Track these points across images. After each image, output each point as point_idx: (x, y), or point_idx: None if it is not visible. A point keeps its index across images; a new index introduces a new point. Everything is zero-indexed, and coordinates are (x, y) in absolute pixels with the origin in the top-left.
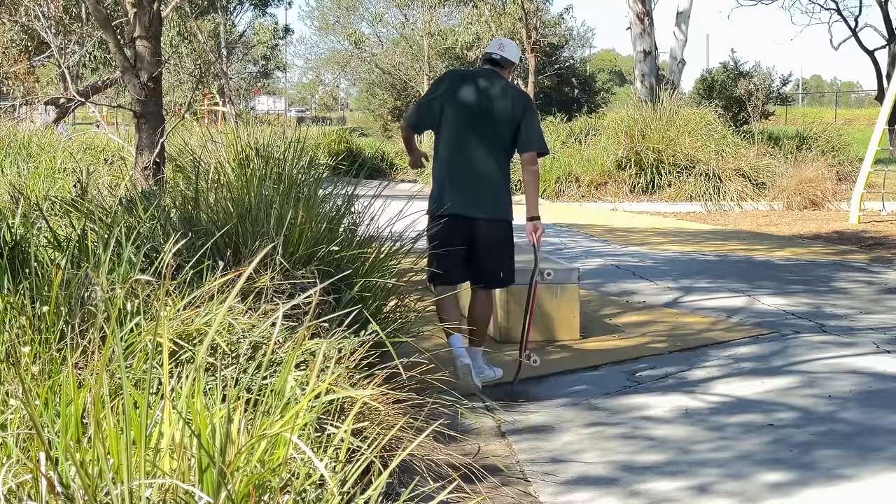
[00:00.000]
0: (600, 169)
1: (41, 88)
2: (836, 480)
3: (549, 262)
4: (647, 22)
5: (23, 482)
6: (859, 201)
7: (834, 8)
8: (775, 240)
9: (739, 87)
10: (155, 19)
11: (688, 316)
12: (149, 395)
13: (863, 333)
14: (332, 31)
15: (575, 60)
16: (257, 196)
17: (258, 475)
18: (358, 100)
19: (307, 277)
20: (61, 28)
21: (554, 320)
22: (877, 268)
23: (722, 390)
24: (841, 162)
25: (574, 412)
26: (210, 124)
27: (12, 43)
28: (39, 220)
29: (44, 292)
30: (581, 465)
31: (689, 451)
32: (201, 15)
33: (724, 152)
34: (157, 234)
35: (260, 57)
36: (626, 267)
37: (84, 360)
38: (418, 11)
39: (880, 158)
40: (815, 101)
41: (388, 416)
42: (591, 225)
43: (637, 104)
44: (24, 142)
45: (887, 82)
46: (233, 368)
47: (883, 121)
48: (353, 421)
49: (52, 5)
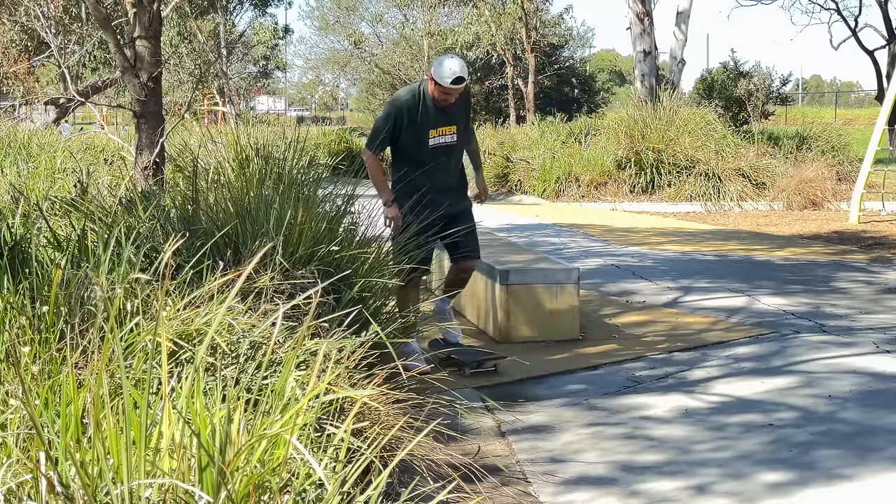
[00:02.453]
0: (600, 169)
1: (41, 88)
2: (836, 480)
3: (549, 262)
4: (647, 22)
5: (23, 482)
6: (859, 201)
7: (834, 8)
8: (775, 240)
9: (739, 87)
10: (155, 19)
11: (688, 316)
12: (149, 395)
13: (862, 333)
14: (332, 31)
15: (575, 60)
16: (257, 196)
17: (258, 475)
18: (358, 100)
19: (307, 277)
20: (61, 28)
21: (554, 320)
22: (877, 268)
23: (722, 390)
24: (841, 162)
25: (574, 412)
26: (210, 124)
27: (12, 43)
28: (39, 220)
29: (44, 292)
30: (581, 465)
31: (689, 450)
32: (201, 15)
33: (723, 152)
34: (156, 234)
35: (260, 57)
36: (626, 267)
37: (84, 360)
38: (418, 11)
39: (880, 158)
40: (814, 101)
41: (388, 416)
42: (590, 225)
43: (637, 104)
44: (24, 142)
45: (887, 82)
46: (233, 368)
47: (883, 121)
48: (353, 421)
49: (52, 5)
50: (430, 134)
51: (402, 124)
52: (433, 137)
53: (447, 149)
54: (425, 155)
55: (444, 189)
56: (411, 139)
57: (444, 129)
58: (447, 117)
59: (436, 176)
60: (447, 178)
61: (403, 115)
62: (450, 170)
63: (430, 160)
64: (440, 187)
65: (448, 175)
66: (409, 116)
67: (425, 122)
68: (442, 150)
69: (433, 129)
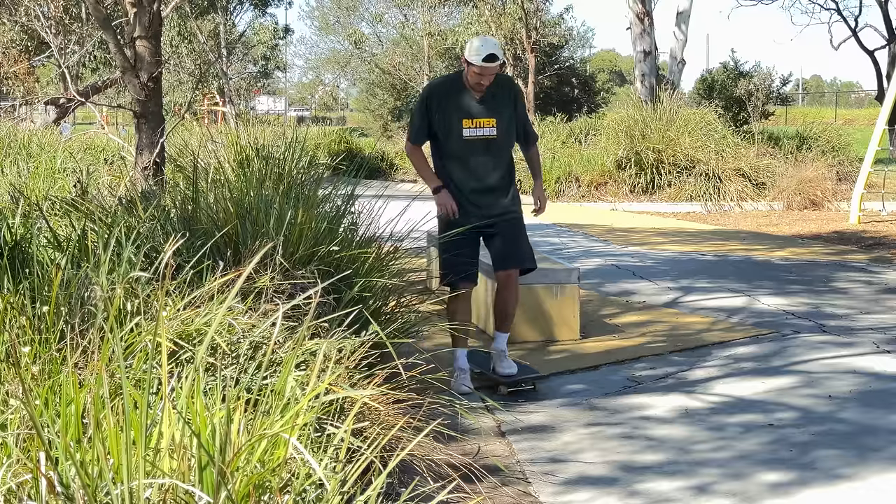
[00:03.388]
0: (600, 169)
1: (41, 88)
2: (836, 480)
3: (550, 262)
4: (647, 22)
5: (23, 482)
6: (859, 201)
7: (834, 8)
8: (775, 240)
9: (739, 87)
10: (155, 19)
11: (687, 316)
12: (149, 395)
13: (862, 333)
14: (332, 31)
15: (575, 60)
16: (257, 196)
17: (258, 475)
18: (358, 100)
19: (307, 277)
20: (61, 28)
21: (554, 320)
22: (876, 268)
23: (722, 390)
24: (841, 162)
25: (574, 412)
26: (210, 124)
27: (12, 43)
28: (39, 220)
29: (44, 292)
30: (581, 465)
31: (689, 450)
32: (201, 15)
33: (724, 152)
34: (156, 234)
35: (260, 57)
36: (626, 267)
37: (84, 360)
38: (418, 11)
39: (880, 158)
40: (815, 101)
41: (388, 416)
42: (590, 225)
43: (637, 104)
44: (24, 142)
45: (887, 82)
46: (233, 368)
47: (883, 121)
48: (353, 421)
49: (52, 5)
50: (465, 124)
51: (433, 111)
52: (467, 128)
53: (485, 143)
54: (459, 147)
55: (482, 189)
56: (443, 127)
57: (481, 121)
58: (486, 109)
59: (473, 173)
60: (486, 176)
61: (433, 101)
62: (490, 168)
63: (465, 154)
64: (478, 187)
65: (487, 173)
66: (440, 103)
67: (459, 110)
68: (479, 145)
69: (468, 118)
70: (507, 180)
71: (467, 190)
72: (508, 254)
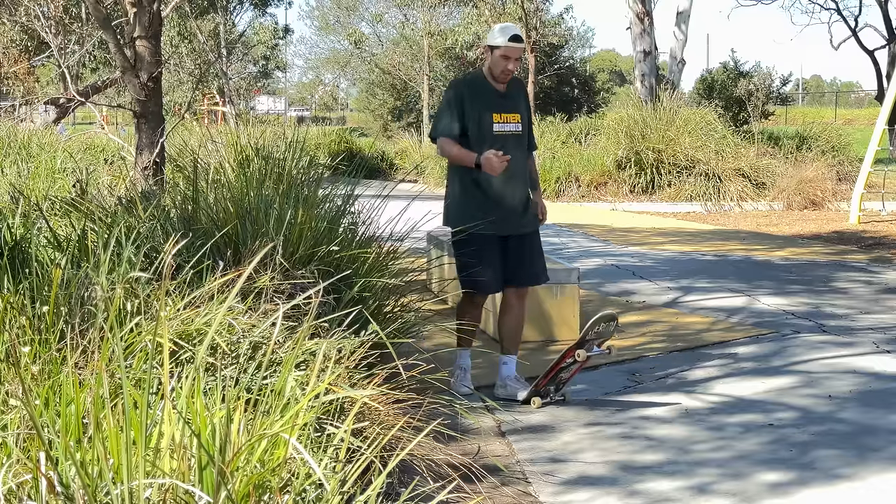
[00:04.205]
0: (600, 169)
1: (41, 88)
2: (836, 480)
3: (550, 262)
4: (647, 22)
5: (23, 482)
6: (859, 201)
7: (834, 8)
8: (775, 240)
9: (739, 87)
10: (155, 19)
11: (687, 316)
12: (149, 395)
13: (862, 333)
14: (332, 31)
15: (575, 60)
16: (257, 196)
17: (258, 475)
18: (358, 100)
19: (307, 277)
20: (61, 28)
21: (554, 320)
22: (876, 268)
23: (722, 390)
24: (841, 162)
25: (574, 412)
26: (210, 124)
27: (12, 43)
28: (39, 220)
29: (44, 292)
30: (581, 465)
31: (689, 450)
32: (201, 15)
33: (724, 152)
34: (156, 234)
35: (260, 57)
36: (626, 267)
37: (84, 360)
38: (418, 11)
39: (880, 158)
40: (815, 101)
41: (388, 416)
42: (590, 225)
43: (637, 104)
44: (24, 142)
45: (887, 82)
46: (233, 368)
47: (883, 121)
48: (353, 421)
49: (52, 5)
50: (494, 118)
51: (465, 102)
52: (497, 122)
53: (515, 139)
54: (491, 144)
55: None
56: (474, 122)
57: (507, 116)
58: (509, 103)
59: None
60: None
61: (464, 92)
62: (519, 167)
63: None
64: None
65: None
66: (471, 94)
67: (489, 106)
68: (510, 141)
69: (496, 112)
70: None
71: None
72: (527, 270)
